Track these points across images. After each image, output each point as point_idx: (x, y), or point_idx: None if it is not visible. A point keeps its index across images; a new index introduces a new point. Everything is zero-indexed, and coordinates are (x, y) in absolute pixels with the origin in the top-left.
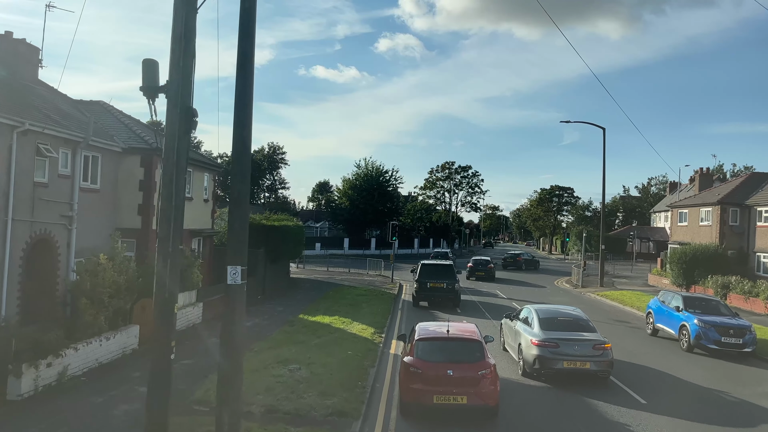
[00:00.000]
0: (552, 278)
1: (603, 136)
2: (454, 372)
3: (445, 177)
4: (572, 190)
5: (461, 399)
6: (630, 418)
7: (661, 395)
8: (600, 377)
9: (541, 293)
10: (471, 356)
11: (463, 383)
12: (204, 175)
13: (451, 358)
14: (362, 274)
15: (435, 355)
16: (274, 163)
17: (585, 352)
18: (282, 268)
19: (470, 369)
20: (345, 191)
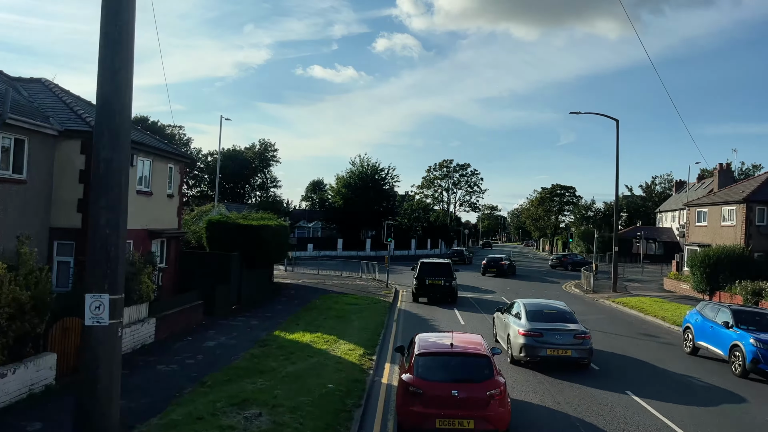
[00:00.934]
0: (559, 281)
1: (616, 128)
2: (459, 392)
3: (443, 175)
4: (574, 189)
5: (467, 423)
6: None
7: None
8: (580, 364)
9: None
10: (478, 374)
11: (470, 405)
12: (168, 167)
13: (455, 376)
14: (355, 278)
15: (437, 372)
16: (266, 161)
17: (567, 341)
18: (263, 273)
19: (478, 389)
20: (338, 190)
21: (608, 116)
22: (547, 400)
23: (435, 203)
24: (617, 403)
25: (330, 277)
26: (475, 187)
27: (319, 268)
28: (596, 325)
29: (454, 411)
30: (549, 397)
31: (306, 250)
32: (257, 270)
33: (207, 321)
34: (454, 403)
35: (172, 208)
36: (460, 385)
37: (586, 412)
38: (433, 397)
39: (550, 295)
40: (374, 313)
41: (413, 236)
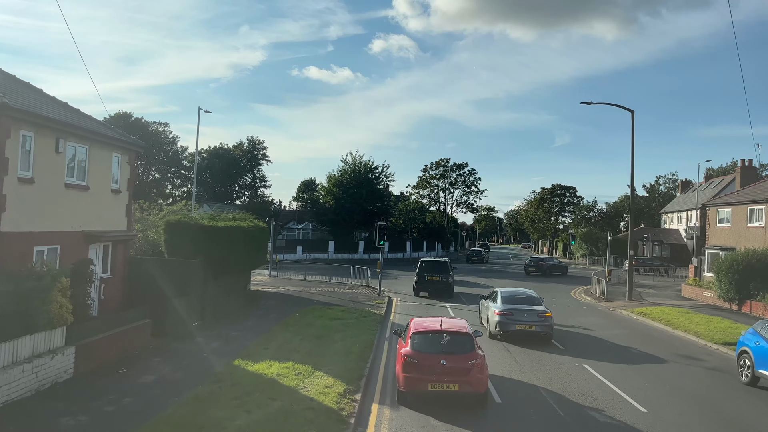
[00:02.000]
0: (566, 288)
1: (632, 119)
2: (446, 362)
3: (439, 175)
4: (575, 189)
5: (453, 386)
6: None
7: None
8: (543, 337)
9: (563, 310)
10: (462, 348)
11: (455, 372)
12: (112, 156)
13: (444, 349)
14: (345, 285)
15: (429, 346)
16: (255, 160)
17: (532, 318)
18: (235, 281)
19: (461, 359)
20: (329, 189)
21: (623, 107)
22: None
23: (431, 204)
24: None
25: (317, 284)
26: (472, 187)
27: (307, 273)
28: (622, 343)
29: (443, 377)
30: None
31: (295, 252)
32: (227, 278)
33: (156, 344)
34: (443, 370)
35: (118, 206)
36: (447, 357)
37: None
38: (426, 366)
39: (564, 307)
40: (362, 330)
41: (408, 238)
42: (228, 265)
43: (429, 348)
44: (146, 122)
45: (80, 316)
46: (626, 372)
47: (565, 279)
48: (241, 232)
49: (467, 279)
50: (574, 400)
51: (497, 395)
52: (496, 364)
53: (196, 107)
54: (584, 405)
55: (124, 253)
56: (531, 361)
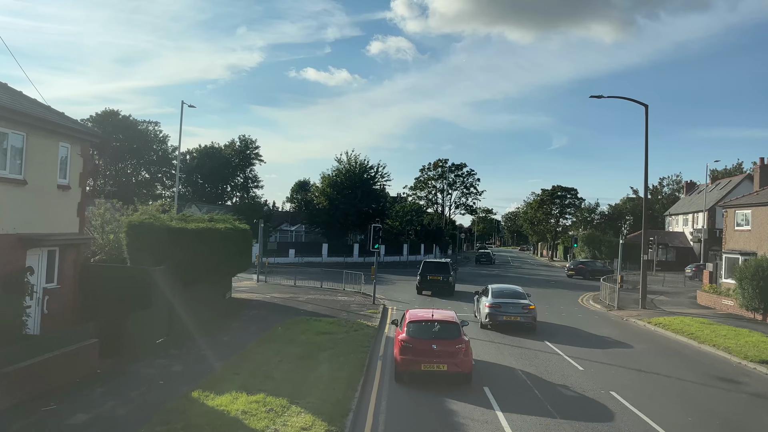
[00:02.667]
0: (572, 294)
1: (645, 113)
2: (437, 346)
3: (437, 176)
4: (575, 191)
5: (443, 367)
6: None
7: None
8: (526, 326)
9: (572, 320)
10: (450, 334)
11: (444, 355)
12: (59, 146)
13: (435, 335)
14: (337, 291)
15: (423, 333)
16: (247, 159)
17: (517, 311)
18: (211, 289)
19: (450, 344)
20: (323, 190)
21: (635, 101)
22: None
23: (429, 205)
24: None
25: (307, 290)
26: (471, 189)
27: (298, 278)
28: (644, 362)
29: (434, 359)
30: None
31: (287, 256)
32: (201, 286)
33: (106, 368)
34: (434, 353)
35: (67, 205)
36: (438, 342)
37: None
38: (420, 349)
39: (568, 315)
40: (352, 347)
41: (405, 241)
42: (201, 272)
43: (422, 334)
44: (135, 121)
45: (9, 337)
46: (659, 399)
47: (569, 284)
48: (217, 235)
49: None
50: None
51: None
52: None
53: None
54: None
55: (75, 260)
56: (553, 395)
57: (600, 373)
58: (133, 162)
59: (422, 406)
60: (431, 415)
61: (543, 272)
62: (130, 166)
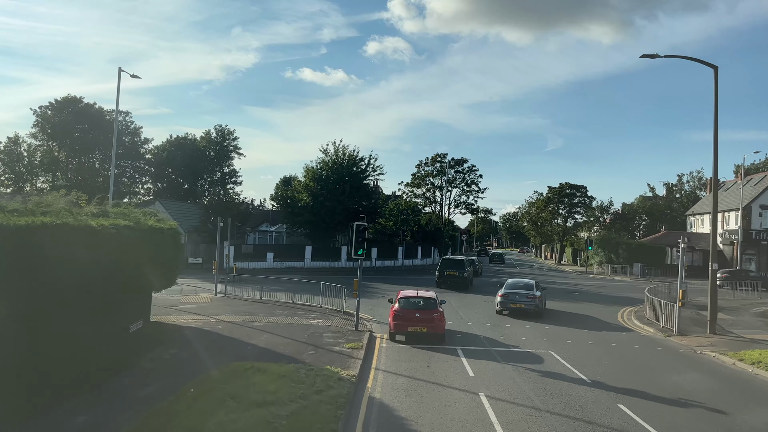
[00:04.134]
0: (605, 310)
1: (714, 77)
2: (419, 314)
3: (436, 172)
4: (585, 188)
5: (423, 329)
6: None
7: None
8: (531, 312)
9: (625, 351)
10: (429, 306)
11: (424, 320)
12: None
13: (418, 307)
14: (311, 310)
15: (410, 305)
16: (225, 153)
17: (522, 299)
18: (102, 319)
19: (428, 313)
20: (306, 184)
21: (704, 62)
22: None
23: (426, 204)
24: None
25: (272, 308)
26: (472, 186)
27: (268, 289)
28: None
29: (417, 323)
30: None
31: (264, 260)
32: (79, 316)
33: None
34: (417, 319)
35: None
36: (420, 311)
37: None
38: (407, 317)
39: (614, 342)
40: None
41: (400, 243)
42: (78, 292)
43: (409, 306)
44: (100, 110)
45: None
46: None
47: (590, 295)
48: (108, 237)
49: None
50: None
51: None
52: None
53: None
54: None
55: None
56: None
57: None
58: (99, 155)
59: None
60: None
61: (557, 278)
62: (96, 159)
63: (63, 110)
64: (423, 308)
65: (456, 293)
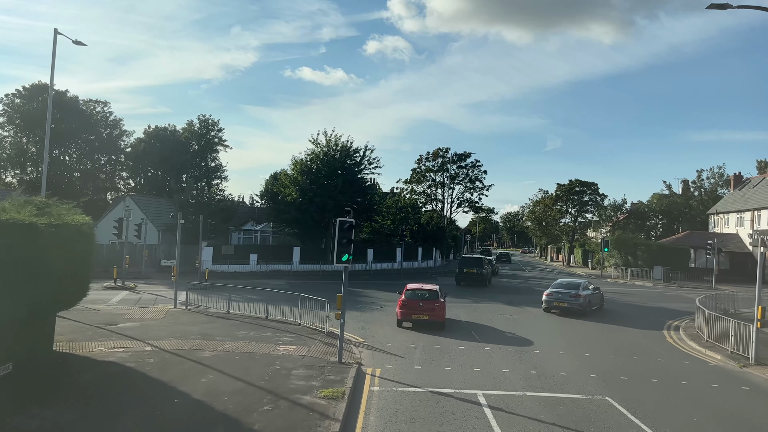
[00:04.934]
0: (646, 323)
1: None
2: (422, 304)
3: (437, 167)
4: (596, 185)
5: (426, 316)
6: None
7: None
8: (573, 310)
9: (695, 400)
10: (432, 297)
11: (427, 309)
12: None
13: (421, 297)
14: (285, 329)
15: (414, 295)
16: (210, 145)
17: (565, 298)
18: None
19: (430, 303)
20: (294, 178)
21: None
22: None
23: (427, 201)
24: None
25: (236, 327)
26: (476, 183)
27: (239, 299)
28: None
29: (420, 311)
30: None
31: (247, 262)
32: None
33: None
34: (420, 308)
35: None
36: (423, 301)
37: None
38: (412, 306)
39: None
40: None
41: (399, 243)
42: None
43: (414, 297)
44: (74, 99)
45: None
46: None
47: (620, 305)
48: None
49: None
50: None
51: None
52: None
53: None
54: None
55: None
56: None
57: None
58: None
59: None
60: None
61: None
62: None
63: (33, 98)
64: (426, 299)
65: (470, 301)
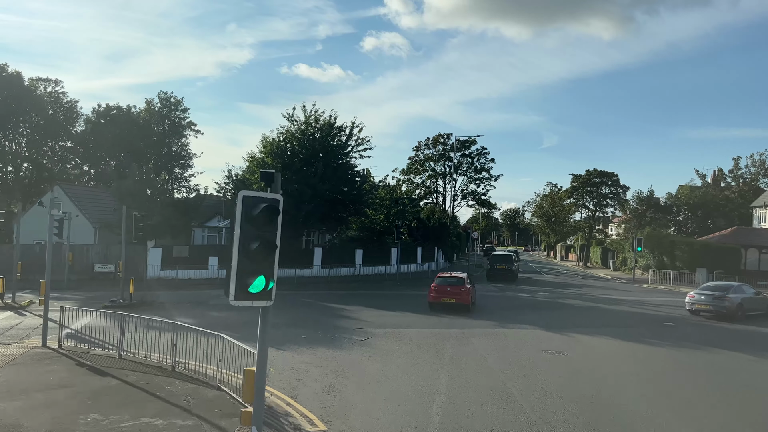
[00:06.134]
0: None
1: None
2: (450, 289)
3: (438, 155)
4: (616, 176)
5: (453, 299)
6: None
7: None
8: (716, 313)
9: None
10: (459, 283)
11: (454, 293)
12: None
13: (449, 283)
14: (185, 401)
15: (443, 282)
16: (174, 129)
17: (708, 300)
18: None
19: (457, 288)
20: (262, 161)
21: None
22: None
23: (427, 194)
24: None
25: (93, 402)
26: (483, 173)
27: (149, 328)
28: None
29: (448, 295)
30: None
31: (206, 266)
32: None
33: None
34: (448, 293)
35: None
36: (450, 287)
37: None
38: (441, 291)
39: None
40: None
41: (394, 243)
42: None
43: (444, 283)
44: (18, 74)
45: None
46: None
47: (700, 329)
48: None
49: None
50: None
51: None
52: None
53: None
54: None
55: None
56: None
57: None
58: (26, 134)
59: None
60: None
61: (605, 289)
62: (22, 138)
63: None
64: (454, 284)
65: (493, 324)
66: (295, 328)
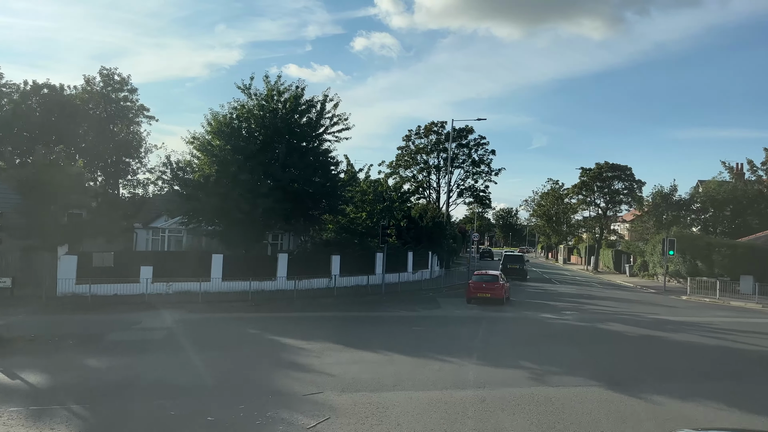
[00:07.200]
0: None
1: None
2: (485, 285)
3: (431, 146)
4: (630, 170)
5: (488, 294)
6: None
7: None
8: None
9: None
10: (493, 279)
11: (489, 289)
12: None
13: (484, 280)
14: None
15: (480, 279)
16: (121, 111)
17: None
18: None
19: (491, 284)
20: (208, 144)
21: None
22: None
23: (418, 190)
24: None
25: None
26: (482, 166)
27: None
28: None
29: (484, 291)
30: None
31: (137, 279)
32: None
33: None
34: (484, 288)
35: None
36: (486, 283)
37: None
38: (477, 287)
39: None
40: None
41: (379, 247)
42: None
43: (480, 280)
44: None
45: None
46: None
47: None
48: None
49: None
50: None
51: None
52: None
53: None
54: None
55: None
56: None
57: None
58: None
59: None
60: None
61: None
62: None
63: None
64: (489, 281)
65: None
66: (202, 399)
